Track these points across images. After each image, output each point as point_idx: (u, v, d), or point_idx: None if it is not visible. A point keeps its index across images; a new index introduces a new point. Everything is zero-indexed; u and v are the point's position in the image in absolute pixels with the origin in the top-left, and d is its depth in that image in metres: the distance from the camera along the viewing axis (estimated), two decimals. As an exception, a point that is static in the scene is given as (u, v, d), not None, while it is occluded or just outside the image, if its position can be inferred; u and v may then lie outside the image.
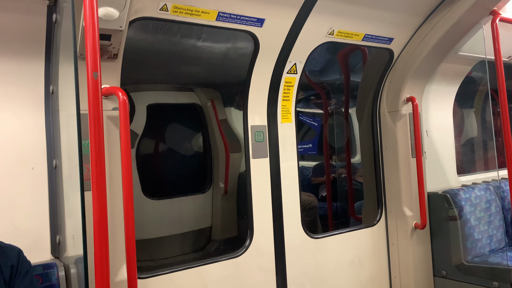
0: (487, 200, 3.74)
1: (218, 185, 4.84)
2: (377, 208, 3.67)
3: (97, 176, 1.61)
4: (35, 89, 2.22)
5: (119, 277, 2.16)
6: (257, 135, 2.99)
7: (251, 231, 2.92)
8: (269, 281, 2.97)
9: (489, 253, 3.58)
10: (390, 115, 3.61)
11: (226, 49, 3.69)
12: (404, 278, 3.54)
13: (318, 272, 3.20)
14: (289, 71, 3.04)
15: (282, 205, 3.05)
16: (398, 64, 3.51)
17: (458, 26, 3.20)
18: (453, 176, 4.01)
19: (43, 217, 2.21)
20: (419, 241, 3.54)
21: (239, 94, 4.53)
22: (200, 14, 2.48)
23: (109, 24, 1.99)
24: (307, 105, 6.31)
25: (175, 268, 2.61)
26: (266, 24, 2.72)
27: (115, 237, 2.12)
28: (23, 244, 1.88)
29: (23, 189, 2.16)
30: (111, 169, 2.13)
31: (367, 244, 3.50)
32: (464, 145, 5.37)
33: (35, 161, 2.20)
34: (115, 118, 2.17)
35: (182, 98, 4.90)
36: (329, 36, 3.05)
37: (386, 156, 3.66)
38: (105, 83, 2.14)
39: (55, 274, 2.05)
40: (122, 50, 2.17)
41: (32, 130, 2.20)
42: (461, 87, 4.10)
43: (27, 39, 2.17)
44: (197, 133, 5.06)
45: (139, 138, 4.59)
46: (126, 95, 2.02)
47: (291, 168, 3.12)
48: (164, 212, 4.65)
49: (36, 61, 2.21)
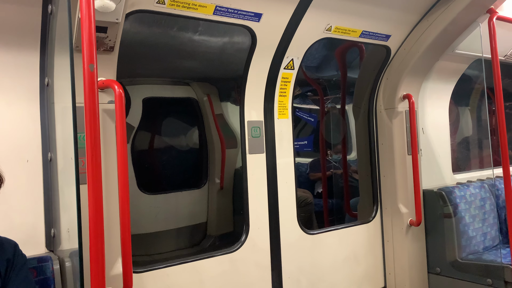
0: (482, 198, 3.76)
1: (214, 180, 4.83)
2: (373, 205, 3.69)
3: (92, 169, 1.60)
4: (30, 81, 2.19)
5: (114, 271, 2.15)
6: (253, 131, 2.98)
7: (247, 226, 2.92)
8: (265, 277, 2.97)
9: (483, 250, 3.60)
10: (386, 112, 3.61)
11: (223, 43, 3.67)
12: (399, 274, 3.56)
13: (314, 268, 3.21)
14: (286, 67, 3.04)
15: (278, 201, 3.05)
16: (395, 61, 3.52)
17: (455, 24, 3.21)
18: (448, 173, 4.03)
19: (38, 210, 2.19)
20: (414, 238, 3.56)
21: (236, 89, 4.52)
22: (197, 7, 2.46)
23: (106, 16, 1.97)
24: (304, 101, 6.30)
25: (171, 263, 2.61)
26: (263, 19, 2.71)
27: (110, 231, 2.11)
28: (18, 237, 1.87)
29: (17, 182, 2.14)
30: (107, 163, 2.12)
31: (363, 240, 3.52)
32: (459, 143, 5.39)
33: (30, 154, 2.18)
34: (111, 111, 2.16)
35: (178, 92, 4.87)
36: (327, 32, 3.05)
37: (382, 153, 3.67)
38: (101, 76, 2.12)
39: (49, 267, 2.04)
40: (119, 43, 2.15)
41: (27, 123, 2.18)
42: (457, 85, 4.11)
43: (22, 31, 2.15)
44: (193, 128, 5.05)
45: (134, 132, 4.57)
46: (122, 88, 2.01)
47: (287, 164, 3.12)
48: (160, 207, 4.64)
49: (31, 52, 2.18)
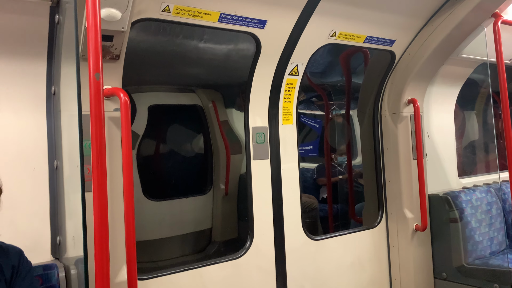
0: (488, 202, 3.73)
1: (219, 186, 4.84)
2: (378, 210, 3.67)
3: (98, 177, 1.61)
4: (37, 90, 2.22)
5: (119, 278, 2.15)
6: (258, 137, 2.98)
7: (251, 232, 2.91)
8: (269, 283, 2.96)
9: (490, 255, 3.57)
10: (391, 117, 3.61)
11: (228, 50, 3.69)
12: (405, 280, 3.54)
13: (318, 274, 3.19)
14: (290, 73, 3.04)
15: (282, 206, 3.05)
16: (399, 66, 3.51)
17: (460, 29, 3.20)
18: (454, 178, 4.01)
19: (44, 218, 2.21)
20: (419, 243, 3.53)
21: (240, 95, 4.53)
22: (202, 15, 2.48)
23: (112, 25, 1.99)
24: (308, 107, 6.30)
25: (175, 270, 2.60)
26: (268, 25, 2.72)
27: (115, 238, 2.12)
28: (24, 244, 1.88)
29: (24, 190, 2.16)
30: (112, 170, 2.13)
31: (368, 246, 3.50)
32: (465, 147, 5.36)
33: (36, 162, 2.20)
34: (117, 119, 2.17)
35: (183, 99, 4.90)
36: (331, 38, 3.05)
37: (387, 158, 3.66)
38: (107, 84, 2.14)
39: (55, 275, 2.05)
40: (124, 51, 2.17)
41: (34, 131, 2.20)
42: (462, 89, 4.10)
43: (30, 40, 2.18)
44: (198, 135, 5.06)
45: (140, 139, 4.59)
46: (127, 96, 2.02)
47: (292, 170, 3.11)
48: (165, 214, 4.65)
49: (38, 61, 2.21)
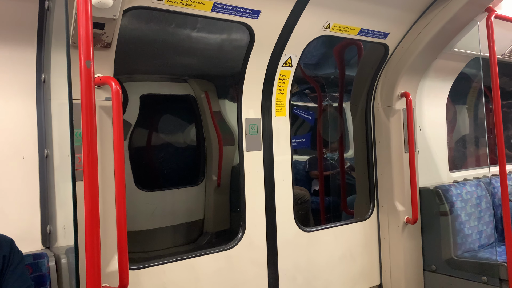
0: (478, 196, 3.77)
1: (211, 177, 4.83)
2: (369, 203, 3.69)
3: (89, 166, 1.59)
4: (27, 77, 2.18)
5: (110, 268, 2.15)
6: (251, 128, 2.98)
7: (243, 224, 2.92)
8: (261, 274, 2.98)
9: (479, 248, 3.61)
10: (384, 110, 3.62)
11: (221, 40, 3.66)
12: (395, 272, 3.58)
13: (310, 266, 3.22)
14: (284, 64, 3.03)
15: (275, 198, 3.05)
16: (393, 59, 3.51)
17: (453, 23, 3.21)
18: (445, 172, 4.04)
19: (34, 207, 2.19)
20: (410, 236, 3.57)
21: (234, 86, 4.51)
22: (195, 4, 2.45)
23: (103, 13, 1.96)
24: (301, 99, 6.30)
25: (167, 260, 2.60)
26: (261, 16, 2.70)
27: (106, 228, 2.11)
28: (14, 233, 1.87)
29: (13, 179, 2.13)
30: (103, 160, 2.11)
31: (359, 238, 3.52)
32: (456, 141, 5.41)
33: (26, 150, 2.17)
34: (108, 108, 2.15)
35: (176, 89, 4.86)
36: (325, 30, 3.04)
37: (379, 151, 3.67)
38: (98, 72, 2.11)
39: (45, 264, 2.04)
40: (116, 39, 2.14)
41: (23, 119, 2.17)
42: (454, 84, 4.12)
43: (19, 26, 2.14)
44: (190, 125, 5.04)
45: (132, 129, 4.56)
46: (119, 85, 2.00)
47: (284, 162, 3.12)
48: (157, 204, 4.63)
49: (28, 48, 2.17)
